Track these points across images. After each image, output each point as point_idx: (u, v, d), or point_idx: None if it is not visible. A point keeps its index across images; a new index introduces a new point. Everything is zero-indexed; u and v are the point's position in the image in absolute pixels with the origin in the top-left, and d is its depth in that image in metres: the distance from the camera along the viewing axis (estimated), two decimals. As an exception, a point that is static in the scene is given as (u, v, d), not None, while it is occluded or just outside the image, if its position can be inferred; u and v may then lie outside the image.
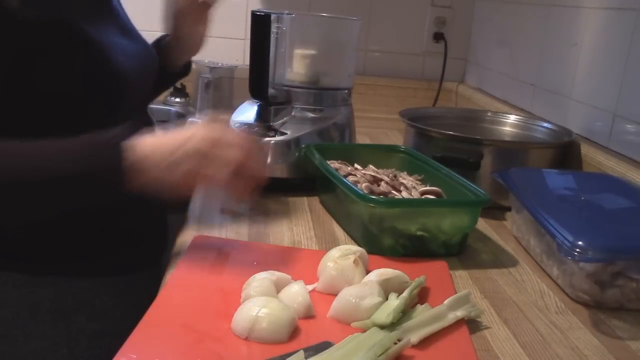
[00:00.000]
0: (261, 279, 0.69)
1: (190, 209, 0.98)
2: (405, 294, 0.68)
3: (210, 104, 1.54)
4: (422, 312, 0.67)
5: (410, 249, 0.85)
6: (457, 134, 1.11)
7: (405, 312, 0.66)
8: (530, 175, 1.00)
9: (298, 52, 1.14)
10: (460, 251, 0.88)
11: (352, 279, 0.72)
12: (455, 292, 0.76)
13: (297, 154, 1.06)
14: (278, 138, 1.06)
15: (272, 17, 1.07)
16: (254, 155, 0.77)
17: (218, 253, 0.81)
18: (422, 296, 0.72)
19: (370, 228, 0.85)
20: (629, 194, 0.91)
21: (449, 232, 0.86)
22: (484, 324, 0.70)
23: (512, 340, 0.67)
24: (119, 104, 0.85)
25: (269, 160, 1.06)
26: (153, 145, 0.72)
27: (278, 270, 0.73)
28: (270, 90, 1.09)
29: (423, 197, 0.92)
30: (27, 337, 0.82)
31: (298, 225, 0.94)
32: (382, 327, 0.63)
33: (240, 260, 0.80)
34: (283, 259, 0.81)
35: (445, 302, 0.68)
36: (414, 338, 0.63)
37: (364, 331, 0.62)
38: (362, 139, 1.42)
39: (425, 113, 1.33)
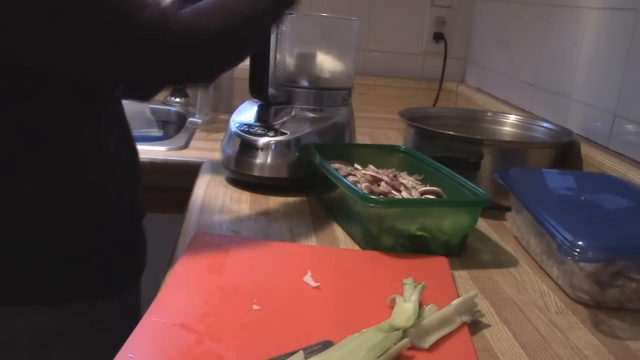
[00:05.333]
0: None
1: (189, 208, 0.99)
2: (414, 297, 0.68)
3: (210, 104, 1.54)
4: (429, 314, 0.66)
5: (410, 249, 0.85)
6: (457, 134, 1.11)
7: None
8: (530, 175, 1.00)
9: (298, 52, 1.14)
10: (460, 251, 0.88)
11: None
12: (456, 289, 0.76)
13: (297, 154, 1.06)
14: (278, 138, 1.06)
15: (272, 17, 1.06)
16: None
17: (218, 250, 0.81)
18: (425, 294, 0.72)
19: (370, 228, 0.85)
20: (629, 194, 0.91)
21: (449, 232, 0.86)
22: (484, 323, 0.70)
23: (512, 340, 0.67)
24: None
25: (269, 160, 1.06)
26: None
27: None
28: (270, 90, 1.09)
29: (423, 197, 0.92)
30: None
31: (298, 225, 0.94)
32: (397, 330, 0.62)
33: (240, 257, 0.80)
34: (284, 256, 0.81)
35: (453, 304, 0.68)
36: (426, 344, 0.63)
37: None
38: (362, 139, 1.42)
39: (425, 113, 1.33)
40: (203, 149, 1.34)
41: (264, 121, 1.10)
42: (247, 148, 1.07)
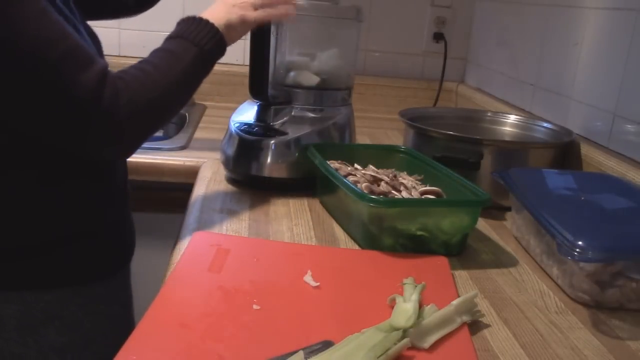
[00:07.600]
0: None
1: (189, 208, 0.99)
2: (414, 297, 0.68)
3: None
4: (430, 314, 0.66)
5: (410, 248, 0.85)
6: (457, 134, 1.11)
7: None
8: (530, 175, 1.00)
9: (299, 52, 1.14)
10: (460, 251, 0.88)
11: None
12: (456, 289, 0.76)
13: (297, 154, 1.06)
14: (278, 138, 1.06)
15: (272, 17, 1.06)
16: None
17: (218, 250, 0.81)
18: (424, 294, 0.72)
19: (370, 228, 0.85)
20: (629, 194, 0.91)
21: (449, 232, 0.86)
22: (484, 323, 0.70)
23: (512, 340, 0.67)
24: None
25: (269, 160, 1.06)
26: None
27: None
28: (270, 90, 1.09)
29: (423, 197, 0.92)
30: None
31: (298, 225, 0.94)
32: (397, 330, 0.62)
33: (240, 257, 0.80)
34: (284, 256, 0.81)
35: (453, 304, 0.68)
36: (426, 344, 0.63)
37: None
38: (362, 139, 1.42)
39: (425, 113, 1.33)
40: (203, 149, 1.34)
41: (264, 121, 1.10)
42: (247, 148, 1.07)
